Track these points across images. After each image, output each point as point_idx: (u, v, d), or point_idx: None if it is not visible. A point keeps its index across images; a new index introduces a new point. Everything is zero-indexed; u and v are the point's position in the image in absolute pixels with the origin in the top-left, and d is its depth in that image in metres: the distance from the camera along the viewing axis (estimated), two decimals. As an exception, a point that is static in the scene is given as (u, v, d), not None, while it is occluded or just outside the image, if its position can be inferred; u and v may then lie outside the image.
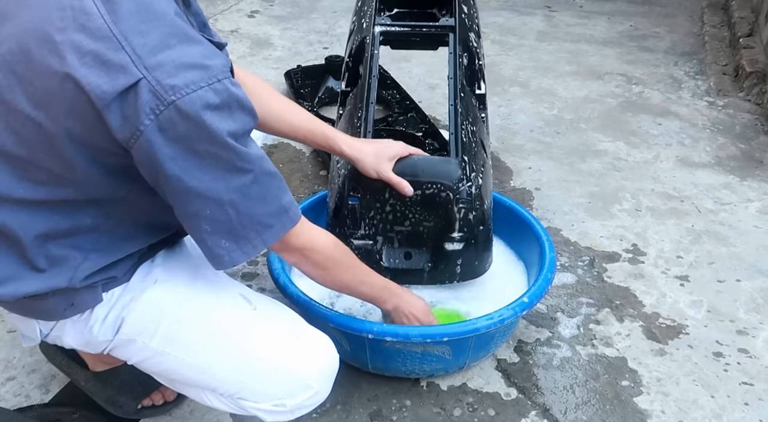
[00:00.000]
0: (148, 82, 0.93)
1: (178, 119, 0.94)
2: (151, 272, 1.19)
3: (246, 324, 1.19)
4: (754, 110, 2.94)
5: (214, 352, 1.17)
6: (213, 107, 0.96)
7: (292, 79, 2.93)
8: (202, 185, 1.00)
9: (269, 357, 1.18)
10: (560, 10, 4.16)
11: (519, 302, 1.47)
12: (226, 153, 0.99)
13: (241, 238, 1.07)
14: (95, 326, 1.16)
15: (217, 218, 1.04)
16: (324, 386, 1.21)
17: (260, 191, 1.05)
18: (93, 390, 1.45)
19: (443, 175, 1.52)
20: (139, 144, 0.96)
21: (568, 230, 2.15)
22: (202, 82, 0.95)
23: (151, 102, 0.93)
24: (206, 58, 0.97)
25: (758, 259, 2.04)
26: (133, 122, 0.94)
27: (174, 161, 0.97)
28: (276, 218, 1.09)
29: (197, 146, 0.97)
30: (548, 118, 2.87)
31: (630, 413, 1.53)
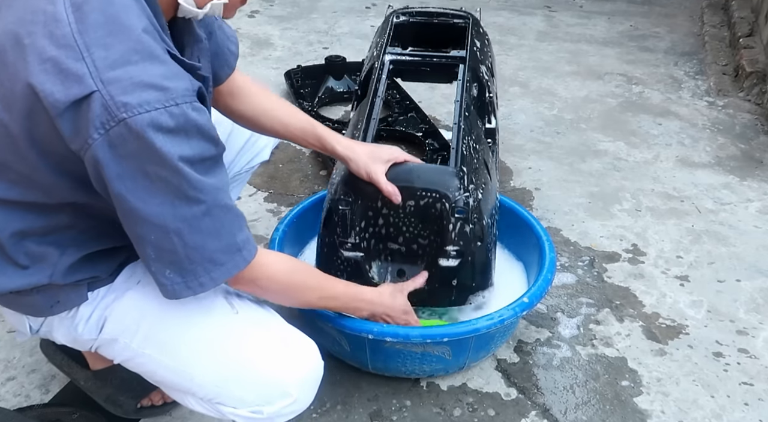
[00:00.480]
0: (101, 95, 0.91)
1: (129, 137, 0.92)
2: (134, 273, 1.18)
3: (226, 327, 1.18)
4: (754, 110, 2.94)
5: (192, 355, 1.15)
6: (166, 130, 0.93)
7: (292, 79, 2.93)
8: (147, 209, 0.97)
9: (248, 362, 1.15)
10: (560, 10, 4.16)
11: (519, 302, 1.47)
12: (176, 179, 0.96)
13: (188, 272, 1.03)
14: (80, 324, 1.16)
15: (162, 246, 1.01)
16: (304, 394, 1.18)
17: (212, 224, 1.02)
18: (92, 390, 1.45)
19: (439, 183, 1.45)
20: (88, 157, 0.95)
21: (568, 230, 2.15)
22: (157, 104, 0.93)
23: (102, 116, 0.92)
24: (167, 80, 0.95)
25: (758, 259, 2.04)
26: (83, 134, 0.93)
27: (121, 179, 0.95)
28: (228, 255, 1.05)
29: (147, 167, 0.95)
30: (548, 118, 2.87)
31: (630, 413, 1.53)
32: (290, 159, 2.51)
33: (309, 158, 2.51)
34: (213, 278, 1.06)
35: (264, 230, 2.09)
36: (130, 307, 1.16)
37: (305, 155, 2.53)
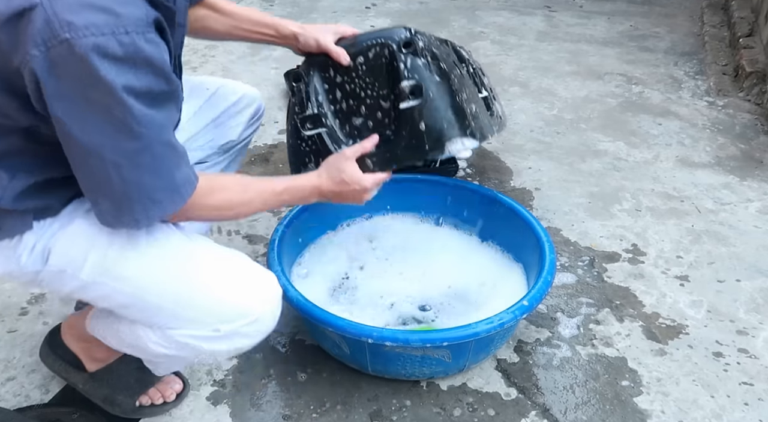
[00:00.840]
0: (44, 9, 0.87)
1: (71, 59, 0.88)
2: (82, 204, 1.13)
3: (181, 250, 1.15)
4: (754, 110, 2.94)
5: (146, 278, 1.12)
6: (112, 57, 0.89)
7: (292, 79, 2.93)
8: (85, 137, 0.93)
9: (205, 281, 1.13)
10: (560, 10, 4.16)
11: (519, 305, 1.47)
12: (119, 110, 0.92)
13: (123, 207, 1.01)
14: (23, 255, 1.10)
15: (98, 176, 0.97)
16: (264, 314, 1.16)
17: (152, 161, 0.98)
18: (90, 392, 1.46)
19: (385, 35, 1.43)
20: (26, 73, 0.90)
21: (568, 230, 2.15)
22: (105, 29, 0.88)
23: (44, 32, 0.87)
24: (119, 5, 0.90)
25: (758, 259, 2.04)
26: (22, 48, 0.89)
27: (59, 100, 0.91)
28: (166, 193, 1.02)
29: (88, 92, 0.90)
30: (548, 118, 2.87)
31: (630, 413, 1.53)
32: (290, 159, 2.51)
33: (309, 158, 2.51)
34: (149, 217, 1.04)
35: (264, 230, 2.09)
36: (77, 235, 1.11)
37: (305, 155, 2.53)
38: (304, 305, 1.45)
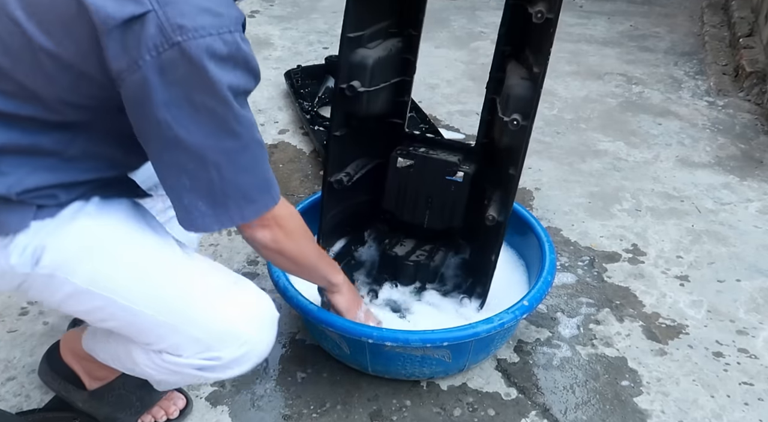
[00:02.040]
0: (157, 16, 0.88)
1: (181, 62, 0.89)
2: (84, 207, 1.09)
3: (179, 267, 1.13)
4: (754, 110, 2.94)
5: (142, 291, 1.08)
6: (219, 57, 0.91)
7: (292, 79, 2.93)
8: (190, 138, 0.94)
9: (200, 300, 1.10)
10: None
11: (519, 305, 1.47)
12: (222, 109, 0.94)
13: (220, 205, 1.01)
14: (14, 254, 1.04)
15: (199, 176, 0.98)
16: (259, 338, 1.14)
17: (250, 159, 1.00)
18: (91, 410, 1.43)
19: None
20: (134, 79, 0.91)
21: (568, 230, 2.15)
22: (212, 30, 0.90)
23: (156, 38, 0.88)
24: (221, 6, 0.92)
25: (758, 259, 2.04)
26: (132, 55, 0.89)
27: (167, 106, 0.92)
28: (260, 193, 1.04)
29: (195, 95, 0.92)
30: (548, 118, 2.87)
31: (630, 413, 1.53)
32: (290, 159, 2.51)
33: (309, 158, 2.51)
34: (243, 216, 1.04)
35: (264, 230, 2.09)
36: (74, 237, 1.06)
37: (305, 155, 2.53)
38: (304, 306, 1.45)
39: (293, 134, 2.67)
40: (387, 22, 1.55)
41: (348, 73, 1.47)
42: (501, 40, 1.56)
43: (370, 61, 1.47)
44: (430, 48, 3.52)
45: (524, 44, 1.53)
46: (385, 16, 1.54)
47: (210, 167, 0.98)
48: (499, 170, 1.54)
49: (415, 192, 1.64)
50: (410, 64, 1.65)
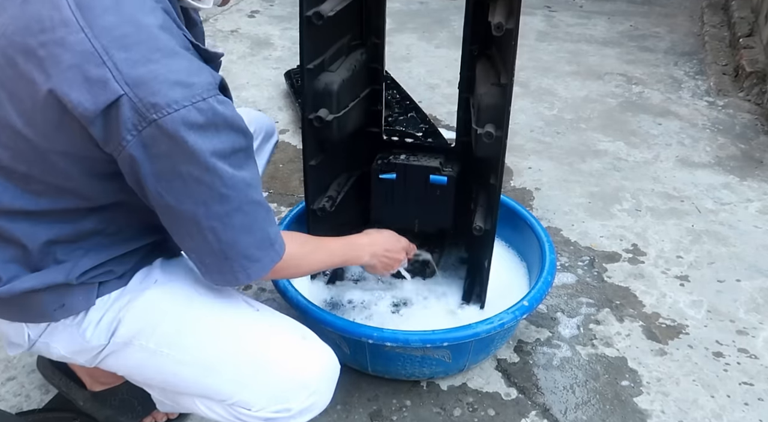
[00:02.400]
0: (129, 98, 0.90)
1: (161, 137, 0.92)
2: (150, 275, 1.17)
3: (248, 323, 1.17)
4: (754, 110, 2.94)
5: (213, 350, 1.13)
6: (196, 126, 0.92)
7: (292, 79, 2.93)
8: (182, 207, 0.98)
9: (270, 356, 1.14)
10: (560, 10, 4.16)
11: (519, 305, 1.47)
12: (208, 177, 0.96)
13: (225, 266, 1.04)
14: (88, 329, 1.12)
15: (199, 241, 1.02)
16: (325, 388, 1.17)
17: (244, 220, 1.02)
18: (91, 410, 1.43)
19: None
20: (122, 158, 0.94)
21: (568, 230, 2.15)
22: (185, 102, 0.92)
23: (133, 118, 0.91)
24: (191, 75, 0.94)
25: (758, 259, 2.04)
26: (115, 137, 0.93)
27: (156, 178, 0.95)
28: (262, 251, 1.06)
29: (180, 166, 0.95)
30: (548, 118, 2.87)
31: (630, 413, 1.53)
32: (290, 159, 2.51)
33: (309, 158, 2.51)
34: (249, 275, 1.06)
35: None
36: (148, 307, 1.13)
37: (305, 155, 2.53)
38: (304, 306, 1.45)
39: (293, 134, 2.67)
40: (347, 37, 1.53)
41: (313, 103, 1.43)
42: (467, 39, 1.55)
43: (335, 86, 1.43)
44: (430, 48, 3.52)
45: (491, 43, 1.52)
46: (343, 32, 1.51)
47: (206, 231, 1.00)
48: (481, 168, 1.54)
49: (401, 200, 1.64)
50: (378, 72, 1.63)
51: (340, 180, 1.67)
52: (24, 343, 1.16)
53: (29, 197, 1.01)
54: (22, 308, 1.10)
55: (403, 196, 1.64)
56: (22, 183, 1.01)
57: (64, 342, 1.14)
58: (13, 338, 1.17)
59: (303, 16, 1.31)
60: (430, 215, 1.65)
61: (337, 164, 1.65)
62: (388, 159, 1.63)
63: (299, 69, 1.56)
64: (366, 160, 1.66)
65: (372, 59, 1.61)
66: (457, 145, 1.66)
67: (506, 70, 1.33)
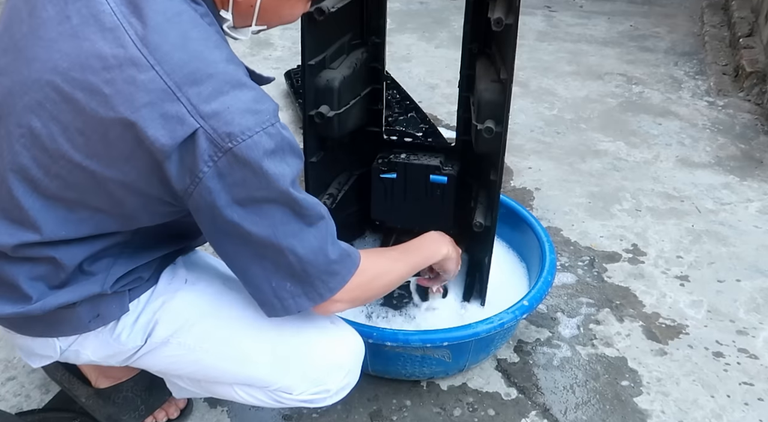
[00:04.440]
0: (204, 130, 0.93)
1: (236, 165, 0.94)
2: (177, 275, 1.20)
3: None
4: (754, 110, 2.94)
5: (252, 341, 1.16)
6: (269, 152, 0.95)
7: (292, 79, 2.93)
8: (260, 231, 1.00)
9: (306, 341, 1.18)
10: (560, 10, 4.16)
11: (519, 305, 1.47)
12: (283, 199, 0.99)
13: (306, 284, 1.06)
14: (123, 333, 1.14)
15: (279, 261, 1.03)
16: (357, 367, 1.22)
17: (319, 236, 1.05)
18: (94, 408, 1.42)
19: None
20: (198, 191, 0.96)
21: (568, 230, 2.15)
22: (256, 128, 0.94)
23: (209, 150, 0.93)
24: (258, 103, 0.97)
25: (758, 259, 2.04)
26: (192, 170, 0.94)
27: (232, 207, 0.97)
28: (340, 264, 1.08)
29: (256, 192, 0.97)
30: (548, 118, 2.87)
31: (630, 413, 1.53)
32: (290, 159, 2.51)
33: (309, 158, 2.51)
34: (331, 288, 1.09)
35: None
36: (183, 306, 1.16)
37: (305, 155, 2.53)
38: (304, 305, 1.45)
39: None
40: (348, 35, 1.53)
41: (314, 99, 1.44)
42: (466, 37, 1.55)
43: (336, 83, 1.43)
44: (430, 48, 3.52)
45: (490, 42, 1.52)
46: (344, 30, 1.51)
47: (285, 251, 1.02)
48: (480, 166, 1.53)
49: (401, 200, 1.64)
50: (378, 72, 1.63)
51: (341, 179, 1.67)
52: (54, 354, 1.17)
53: (73, 226, 1.02)
54: (54, 323, 1.11)
55: (404, 195, 1.64)
56: (67, 210, 1.01)
57: (96, 347, 1.16)
58: (40, 350, 1.17)
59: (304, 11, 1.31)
60: (430, 215, 1.65)
61: (338, 162, 1.65)
62: (389, 158, 1.63)
63: (300, 68, 1.56)
64: (367, 159, 1.66)
65: (372, 59, 1.61)
66: (458, 144, 1.67)
67: (506, 66, 1.33)
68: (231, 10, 1.05)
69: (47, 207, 1.01)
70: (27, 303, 1.05)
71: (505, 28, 1.27)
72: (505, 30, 1.27)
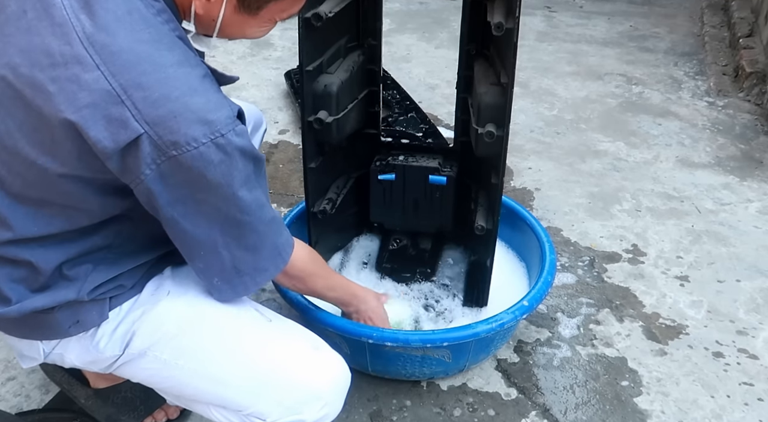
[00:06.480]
0: (149, 136, 0.91)
1: (179, 170, 0.94)
2: (162, 285, 1.17)
3: (261, 334, 1.17)
4: (754, 110, 2.94)
5: (228, 362, 1.13)
6: (215, 162, 0.94)
7: (292, 80, 2.93)
8: (198, 231, 1.00)
9: (282, 366, 1.14)
10: (560, 10, 4.16)
11: (519, 305, 1.47)
12: (225, 205, 0.98)
13: (234, 280, 1.08)
14: (102, 341, 1.12)
15: (211, 260, 1.05)
16: (335, 398, 1.17)
17: (257, 239, 1.05)
18: (93, 408, 1.42)
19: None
20: (140, 190, 0.97)
21: (568, 231, 2.15)
22: (203, 139, 0.93)
23: (153, 154, 0.92)
24: (209, 113, 0.94)
25: (758, 259, 2.04)
26: (134, 172, 0.94)
27: (172, 205, 0.97)
28: (270, 261, 1.10)
29: (197, 194, 0.97)
30: (548, 118, 2.87)
31: (630, 413, 1.53)
32: (290, 159, 2.51)
33: (309, 158, 2.51)
34: (257, 283, 1.11)
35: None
36: (162, 319, 1.14)
37: (305, 155, 2.53)
38: (304, 306, 1.45)
39: (293, 134, 2.67)
40: (344, 39, 1.53)
41: (313, 105, 1.44)
42: (464, 39, 1.55)
43: (334, 88, 1.43)
44: (430, 48, 3.52)
45: (488, 43, 1.52)
46: (341, 34, 1.51)
47: (221, 251, 1.03)
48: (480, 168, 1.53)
49: (400, 201, 1.64)
50: (375, 74, 1.63)
51: (339, 182, 1.67)
52: (39, 356, 1.17)
53: (43, 222, 1.02)
54: (35, 327, 1.11)
55: (402, 197, 1.63)
56: (35, 208, 1.01)
57: (78, 353, 1.15)
58: (27, 352, 1.17)
59: (302, 17, 1.31)
60: (429, 215, 1.65)
61: (337, 166, 1.65)
62: (387, 160, 1.63)
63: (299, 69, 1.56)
64: (365, 161, 1.66)
65: (369, 61, 1.61)
66: (456, 145, 1.66)
67: (506, 70, 1.33)
68: (193, 21, 1.02)
69: (15, 204, 1.00)
70: (6, 305, 1.05)
71: (506, 32, 1.27)
72: (506, 34, 1.27)
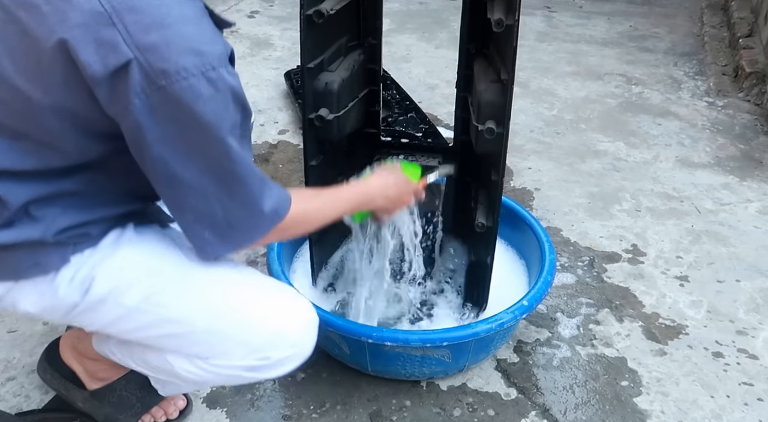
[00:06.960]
0: (139, 62, 0.89)
1: (168, 103, 0.91)
2: (123, 234, 1.13)
3: (225, 277, 1.15)
4: (753, 111, 2.94)
5: (191, 302, 1.11)
6: (206, 97, 0.91)
7: (292, 80, 2.93)
8: (188, 175, 0.96)
9: (250, 307, 1.13)
10: (560, 10, 4.16)
11: (518, 305, 1.47)
12: (215, 151, 0.95)
13: (226, 235, 1.03)
14: (61, 286, 1.07)
15: (202, 210, 1.00)
16: (305, 340, 1.16)
17: (249, 193, 1.02)
18: (91, 410, 1.42)
19: None
20: (128, 122, 0.93)
21: (568, 230, 2.15)
22: (194, 70, 0.90)
23: (142, 82, 0.89)
24: (203, 44, 0.92)
25: (758, 259, 2.04)
26: (122, 101, 0.91)
27: (161, 143, 0.93)
28: (265, 218, 1.05)
29: (186, 132, 0.93)
30: (548, 118, 2.87)
31: (630, 413, 1.53)
32: (290, 159, 2.51)
33: (309, 158, 2.51)
34: (250, 239, 1.06)
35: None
36: (123, 264, 1.10)
37: (305, 155, 2.53)
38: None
39: (293, 134, 2.67)
40: (345, 37, 1.53)
41: (314, 102, 1.44)
42: (464, 38, 1.55)
43: (335, 85, 1.43)
44: (430, 48, 3.52)
45: (488, 42, 1.52)
46: (341, 33, 1.51)
47: (212, 200, 0.99)
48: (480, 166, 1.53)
49: None
50: (375, 73, 1.64)
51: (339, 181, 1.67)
52: None
53: (17, 156, 0.99)
54: None
55: None
56: (11, 139, 0.98)
57: (34, 299, 1.10)
58: None
59: (304, 14, 1.31)
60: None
61: (337, 165, 1.65)
62: (387, 159, 1.63)
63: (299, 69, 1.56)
64: (364, 161, 1.66)
65: (369, 60, 1.61)
66: (455, 144, 1.67)
67: (506, 67, 1.33)
68: None
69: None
70: None
71: (506, 29, 1.27)
72: (506, 31, 1.27)
